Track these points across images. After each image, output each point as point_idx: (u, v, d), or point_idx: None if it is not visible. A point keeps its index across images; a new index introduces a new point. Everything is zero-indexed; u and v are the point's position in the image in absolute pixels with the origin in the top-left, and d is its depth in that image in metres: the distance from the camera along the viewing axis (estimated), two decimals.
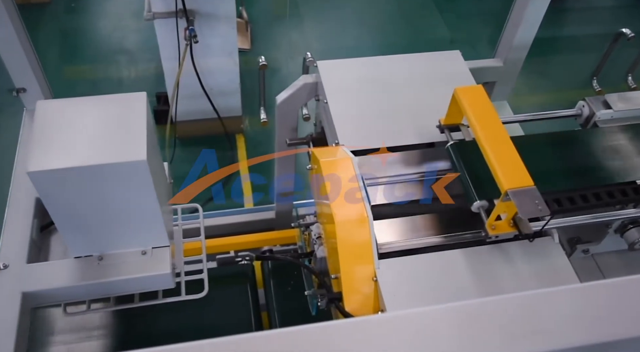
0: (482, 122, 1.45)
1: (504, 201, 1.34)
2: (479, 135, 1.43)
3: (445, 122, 1.65)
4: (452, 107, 1.59)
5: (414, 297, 1.35)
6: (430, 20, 4.70)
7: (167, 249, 1.50)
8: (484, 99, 1.51)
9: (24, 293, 1.40)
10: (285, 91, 1.98)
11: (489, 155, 1.39)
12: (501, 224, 1.41)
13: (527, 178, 1.33)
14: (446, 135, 1.64)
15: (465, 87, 1.54)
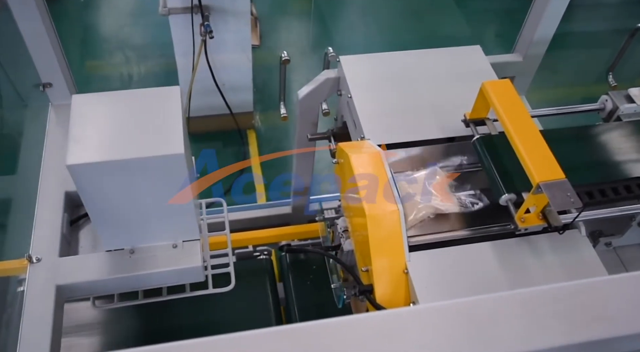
0: (511, 115, 1.46)
1: (535, 193, 1.35)
2: (509, 128, 1.44)
3: (471, 117, 1.66)
4: (479, 101, 1.60)
5: (445, 289, 1.37)
6: (437, 17, 4.71)
7: (198, 242, 1.51)
8: (512, 93, 1.53)
9: (57, 286, 1.41)
10: (307, 86, 1.99)
11: (519, 148, 1.40)
12: (530, 217, 1.42)
13: (558, 171, 1.35)
14: (472, 130, 1.66)
15: (493, 81, 1.55)
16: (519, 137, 1.42)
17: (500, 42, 4.37)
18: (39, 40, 1.60)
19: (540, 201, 1.39)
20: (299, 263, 2.35)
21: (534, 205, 1.41)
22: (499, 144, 1.56)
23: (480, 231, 1.53)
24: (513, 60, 2.10)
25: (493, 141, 1.58)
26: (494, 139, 1.58)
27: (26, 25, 1.54)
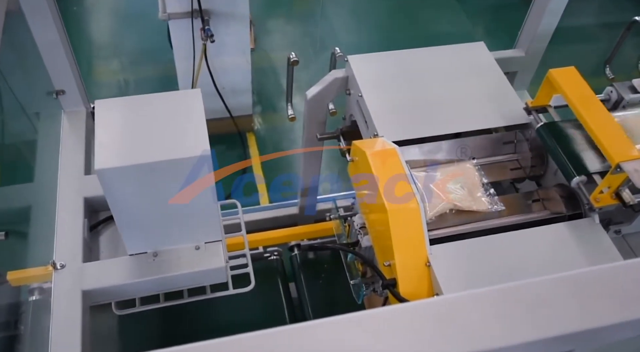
0: (582, 100, 1.52)
1: (613, 173, 1.40)
2: (582, 112, 1.51)
3: (533, 104, 1.71)
4: (543, 89, 1.66)
5: (468, 280, 1.40)
6: (429, 15, 4.75)
7: (220, 243, 1.53)
8: (579, 79, 1.59)
9: (84, 292, 1.42)
10: (315, 86, 2.01)
11: (594, 130, 1.47)
12: (604, 197, 1.47)
13: (635, 150, 1.40)
14: (534, 117, 1.69)
15: (560, 70, 1.63)
16: (592, 120, 1.48)
17: (491, 39, 4.43)
18: (54, 49, 1.61)
19: (616, 180, 1.44)
20: (310, 262, 2.37)
21: (608, 185, 1.45)
22: (563, 130, 1.61)
23: (496, 222, 1.57)
24: (515, 55, 2.15)
25: (558, 127, 1.62)
26: (558, 125, 1.63)
27: (41, 35, 1.55)
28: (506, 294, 0.70)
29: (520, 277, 1.39)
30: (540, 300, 0.71)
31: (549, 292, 0.73)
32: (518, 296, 0.70)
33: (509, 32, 4.24)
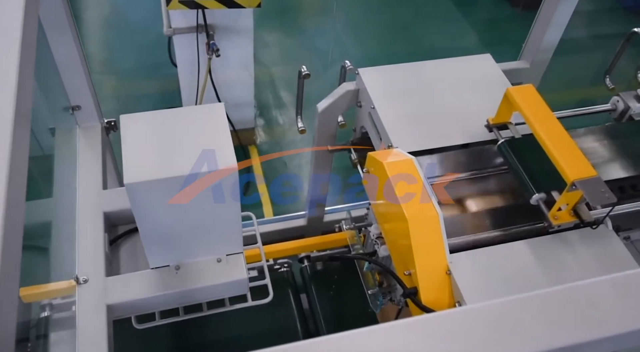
0: (538, 118, 1.54)
1: (569, 191, 1.42)
2: (538, 130, 1.51)
3: (494, 122, 1.73)
4: (503, 107, 1.67)
5: (489, 288, 1.42)
6: (424, 29, 4.82)
7: (241, 255, 1.54)
8: (536, 97, 1.60)
9: (108, 306, 1.42)
10: (326, 99, 2.04)
11: (550, 148, 1.47)
12: (563, 214, 1.49)
13: (590, 168, 1.42)
14: (495, 134, 1.73)
15: (518, 87, 1.63)
16: (549, 138, 1.49)
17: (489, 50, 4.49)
18: (72, 66, 1.62)
19: (572, 198, 1.46)
20: (320, 274, 2.38)
21: (565, 203, 1.48)
22: (524, 147, 1.63)
23: (511, 230, 1.60)
24: (520, 67, 2.19)
25: (518, 144, 1.65)
26: (518, 142, 1.66)
27: (61, 52, 1.56)
28: (557, 296, 0.72)
29: (539, 284, 1.43)
30: (589, 302, 0.74)
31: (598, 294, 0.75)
32: (569, 299, 0.72)
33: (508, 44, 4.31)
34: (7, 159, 0.82)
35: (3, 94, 0.89)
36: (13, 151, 0.84)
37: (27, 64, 0.98)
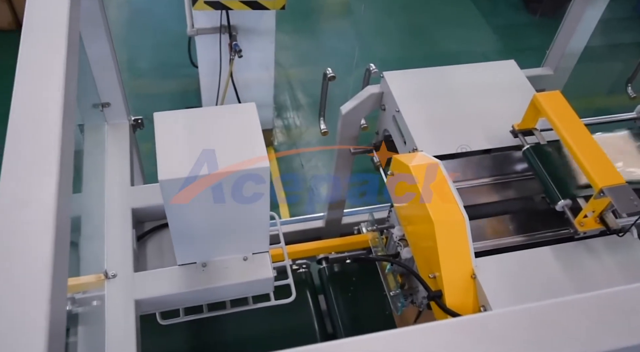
0: (566, 125, 1.54)
1: (597, 198, 1.42)
2: (565, 137, 1.52)
3: (519, 127, 1.74)
4: (529, 113, 1.68)
5: (514, 293, 1.42)
6: (440, 34, 4.82)
7: (267, 254, 1.55)
8: (564, 103, 1.61)
9: (136, 301, 1.44)
10: (350, 102, 2.06)
11: (577, 155, 1.47)
12: (589, 221, 1.50)
13: (618, 176, 1.42)
14: (520, 140, 1.73)
15: (545, 93, 1.64)
16: (576, 145, 1.49)
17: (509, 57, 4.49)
18: (104, 63, 1.64)
19: (599, 205, 1.46)
20: (339, 275, 2.39)
21: (592, 210, 1.48)
22: (549, 153, 1.64)
23: (536, 236, 1.61)
24: (544, 73, 2.20)
25: (544, 150, 1.65)
26: (544, 148, 1.66)
27: (94, 49, 1.59)
28: (600, 301, 0.73)
29: (565, 289, 1.44)
30: (632, 308, 0.74)
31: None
32: (612, 303, 0.73)
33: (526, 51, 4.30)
34: (57, 156, 0.84)
35: (53, 91, 0.91)
36: (63, 147, 0.86)
37: (72, 61, 1.01)
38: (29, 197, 0.78)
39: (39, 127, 0.87)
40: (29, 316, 0.67)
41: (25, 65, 0.95)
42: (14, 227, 0.74)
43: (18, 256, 0.72)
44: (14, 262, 0.72)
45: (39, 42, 0.98)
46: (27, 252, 0.72)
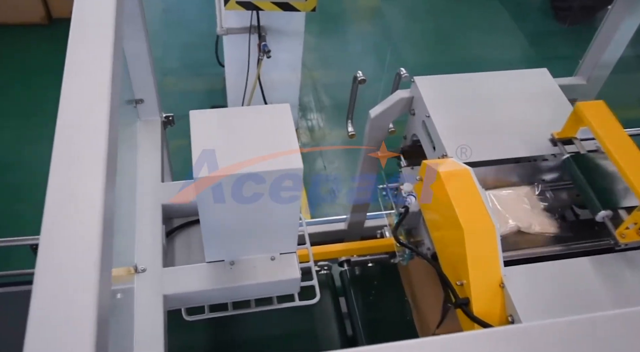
0: (609, 134, 1.53)
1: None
2: (609, 147, 1.51)
3: (559, 136, 1.73)
4: (571, 121, 1.67)
5: (545, 304, 1.41)
6: (466, 40, 4.80)
7: (294, 254, 1.56)
8: (607, 113, 1.60)
9: (164, 296, 1.45)
10: (379, 106, 2.05)
11: (621, 166, 1.46)
12: (630, 233, 1.48)
13: None
14: (559, 148, 1.72)
15: (588, 103, 1.63)
16: (620, 156, 1.48)
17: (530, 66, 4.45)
18: (140, 60, 1.67)
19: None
20: (360, 278, 2.39)
21: (634, 222, 1.46)
22: (591, 162, 1.62)
23: (573, 246, 1.59)
24: (576, 83, 2.17)
25: (585, 159, 1.64)
26: (586, 157, 1.65)
27: (132, 45, 1.61)
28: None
29: (599, 304, 1.42)
30: None
31: None
32: None
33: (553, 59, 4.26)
34: (104, 151, 0.85)
35: (101, 87, 0.92)
36: (110, 142, 0.87)
37: (118, 58, 1.02)
38: (78, 191, 0.79)
39: (87, 122, 0.88)
40: (79, 304, 0.68)
41: (73, 60, 0.96)
42: (64, 219, 0.76)
43: (68, 247, 0.74)
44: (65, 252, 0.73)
45: (87, 38, 1.00)
46: (77, 243, 0.74)
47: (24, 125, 3.62)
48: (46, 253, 0.74)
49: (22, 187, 3.25)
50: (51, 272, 0.73)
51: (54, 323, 0.68)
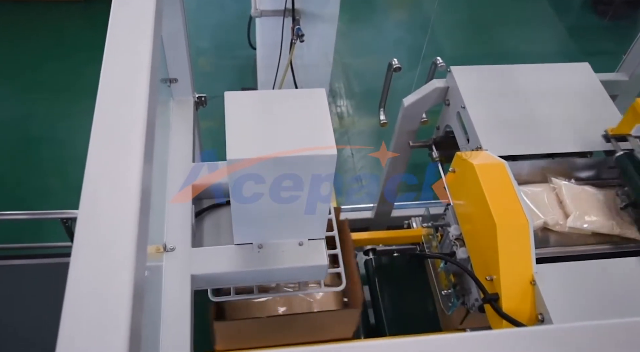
0: None
1: None
2: None
3: (613, 132, 1.68)
4: (627, 118, 1.63)
5: (576, 303, 1.38)
6: (501, 31, 4.69)
7: (322, 241, 1.55)
8: None
9: (192, 276, 1.46)
10: (413, 94, 2.02)
11: None
12: None
13: None
14: (613, 145, 1.67)
15: None
16: None
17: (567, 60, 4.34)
18: (177, 39, 1.66)
19: None
20: (385, 268, 2.38)
21: None
22: None
23: (609, 247, 1.55)
24: (618, 79, 2.11)
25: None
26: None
27: (169, 25, 1.60)
28: None
29: (634, 307, 1.38)
30: None
31: None
32: None
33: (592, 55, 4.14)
34: (143, 130, 0.85)
35: (141, 65, 0.92)
36: (148, 120, 0.87)
37: (157, 38, 1.01)
38: (117, 169, 0.80)
39: (126, 100, 0.88)
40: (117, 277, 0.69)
41: (114, 39, 0.96)
42: (103, 195, 0.76)
43: (106, 222, 0.74)
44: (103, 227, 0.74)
45: (128, 17, 0.99)
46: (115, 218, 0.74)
47: (58, 100, 3.66)
48: (85, 227, 0.75)
49: (54, 161, 3.30)
50: (89, 246, 0.74)
51: (91, 296, 0.68)
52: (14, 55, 3.98)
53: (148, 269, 1.42)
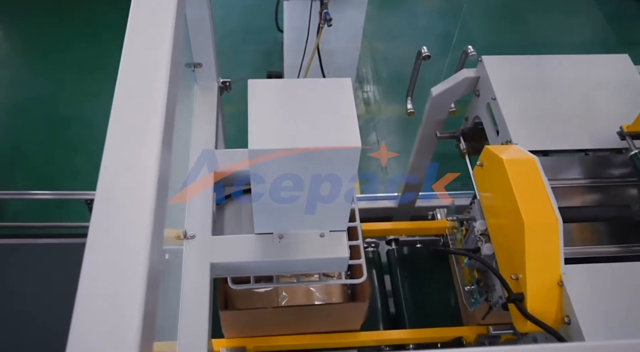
0: None
1: None
2: None
3: (629, 129, 1.60)
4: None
5: (606, 308, 1.33)
6: (535, 19, 4.55)
7: (344, 233, 1.53)
8: None
9: (212, 264, 1.45)
10: (442, 84, 1.97)
11: None
12: None
13: None
14: (627, 143, 1.60)
15: None
16: None
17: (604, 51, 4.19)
18: (201, 24, 1.64)
19: None
20: (407, 259, 2.34)
21: None
22: None
23: (637, 249, 1.50)
24: None
25: None
26: None
27: (194, 8, 1.58)
28: None
29: None
30: None
31: None
32: None
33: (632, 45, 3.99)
34: (162, 117, 0.83)
35: (162, 50, 0.89)
36: (167, 108, 0.85)
37: (180, 20, 0.99)
38: (135, 154, 0.78)
39: (146, 84, 0.87)
40: (131, 262, 0.69)
41: (135, 24, 0.94)
42: (121, 183, 0.75)
43: (123, 205, 0.74)
44: (119, 209, 0.73)
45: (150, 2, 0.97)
46: (131, 201, 0.74)
47: (85, 80, 3.69)
48: (101, 209, 0.74)
49: (81, 141, 3.34)
50: (105, 228, 0.73)
51: (105, 277, 0.68)
52: (44, 36, 4.02)
53: (168, 253, 1.42)
